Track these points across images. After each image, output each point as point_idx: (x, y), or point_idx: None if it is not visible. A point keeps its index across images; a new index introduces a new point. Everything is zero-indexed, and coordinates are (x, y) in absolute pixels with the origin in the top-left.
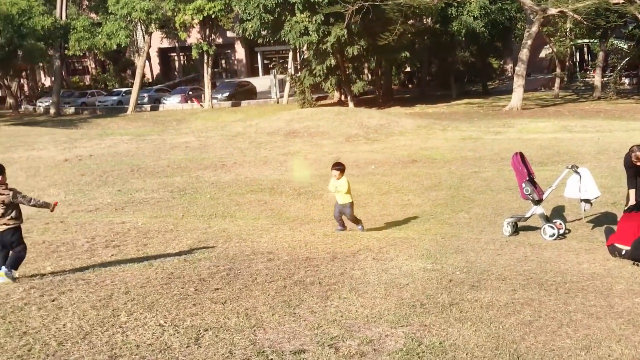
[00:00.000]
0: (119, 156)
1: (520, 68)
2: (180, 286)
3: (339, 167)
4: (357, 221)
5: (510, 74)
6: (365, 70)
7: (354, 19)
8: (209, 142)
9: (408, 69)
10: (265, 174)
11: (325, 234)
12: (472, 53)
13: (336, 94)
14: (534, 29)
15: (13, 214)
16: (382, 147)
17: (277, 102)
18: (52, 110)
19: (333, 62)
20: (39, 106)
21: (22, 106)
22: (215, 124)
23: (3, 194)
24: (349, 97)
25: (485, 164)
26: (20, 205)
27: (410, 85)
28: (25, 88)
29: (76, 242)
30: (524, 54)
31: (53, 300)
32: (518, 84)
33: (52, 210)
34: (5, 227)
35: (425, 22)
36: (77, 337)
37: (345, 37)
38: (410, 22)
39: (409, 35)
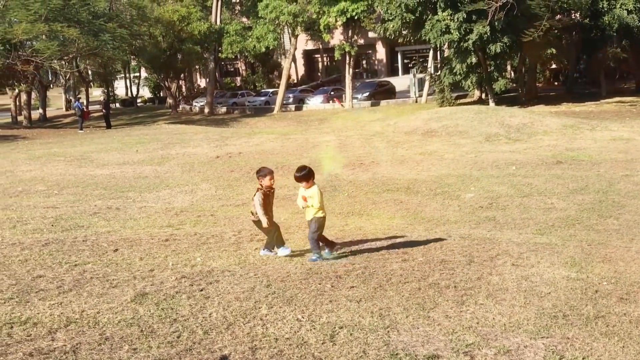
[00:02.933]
0: (265, 154)
1: None
2: (317, 282)
3: (302, 173)
4: (317, 244)
5: None
6: (508, 68)
7: (497, 16)
8: (348, 141)
9: (554, 66)
10: (402, 173)
11: (462, 236)
12: (624, 49)
13: (476, 93)
14: None
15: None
16: (524, 147)
17: (416, 102)
18: (206, 110)
19: (474, 60)
20: (195, 106)
21: (180, 106)
22: (355, 124)
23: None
24: (489, 96)
25: (637, 167)
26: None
27: (556, 83)
28: (183, 89)
29: (224, 234)
30: None
31: (201, 290)
32: None
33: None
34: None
35: (573, 17)
36: (221, 326)
37: (488, 34)
38: (558, 17)
39: (556, 30)
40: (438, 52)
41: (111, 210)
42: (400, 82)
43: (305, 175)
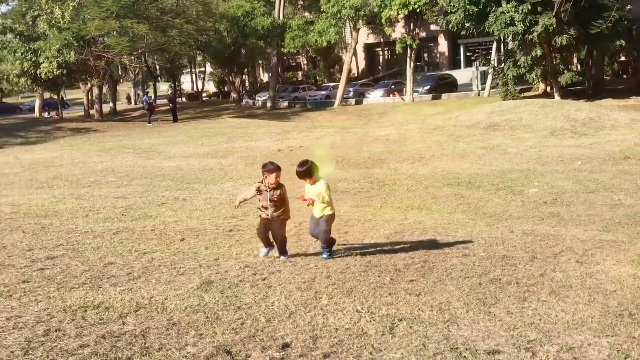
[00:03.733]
0: (325, 147)
1: None
2: (377, 275)
3: (304, 168)
4: (330, 242)
5: None
6: (574, 60)
7: (563, 7)
8: (408, 134)
9: (622, 59)
10: (463, 168)
11: (525, 232)
12: None
13: (541, 86)
14: None
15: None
16: (591, 142)
17: (478, 95)
18: (268, 104)
19: (539, 52)
20: (258, 100)
21: (244, 100)
22: (415, 117)
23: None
24: (555, 89)
25: None
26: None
27: (625, 76)
28: (247, 83)
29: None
30: None
31: (264, 279)
32: None
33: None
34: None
35: None
36: (283, 315)
37: (554, 26)
38: (628, 7)
39: (625, 22)
40: (502, 45)
41: (178, 201)
42: (462, 75)
43: (307, 170)
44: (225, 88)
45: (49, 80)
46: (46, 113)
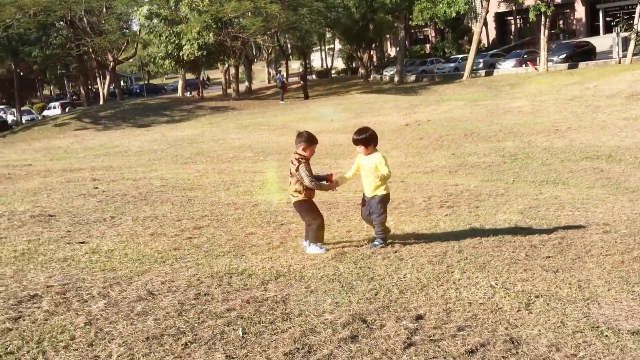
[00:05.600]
0: (453, 121)
1: None
2: (511, 250)
3: (363, 136)
4: (386, 229)
5: None
6: None
7: None
8: (542, 106)
9: None
10: (603, 140)
11: None
12: None
13: None
14: None
15: (297, 187)
16: None
17: (619, 62)
18: (396, 79)
19: None
20: (385, 75)
21: (371, 75)
22: (550, 88)
23: (293, 163)
24: None
25: None
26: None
27: None
28: (374, 59)
29: (414, 200)
30: None
31: (395, 252)
32: None
33: (333, 189)
34: (292, 198)
35: None
36: (416, 287)
37: None
38: None
39: None
40: None
41: None
42: (601, 42)
43: (366, 139)
44: (354, 64)
45: (190, 62)
46: (188, 93)
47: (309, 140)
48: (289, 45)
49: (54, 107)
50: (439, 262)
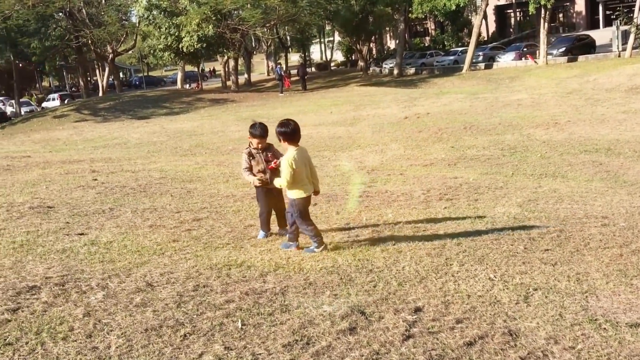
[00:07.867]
0: (453, 114)
1: None
2: (509, 243)
3: (284, 129)
4: (316, 234)
5: None
6: None
7: None
8: (541, 99)
9: None
10: (602, 133)
11: None
12: None
13: None
14: None
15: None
16: None
17: (619, 56)
18: (395, 71)
19: None
20: (384, 67)
21: (371, 68)
22: (549, 81)
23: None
24: None
25: None
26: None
27: None
28: (374, 51)
29: (413, 193)
30: None
31: (394, 245)
32: None
33: (254, 184)
34: None
35: None
36: (414, 280)
37: None
38: None
39: None
40: None
41: None
42: (601, 35)
43: (284, 132)
44: (353, 57)
45: (189, 54)
46: (187, 85)
47: (250, 132)
48: (288, 38)
49: (53, 99)
50: (437, 254)
